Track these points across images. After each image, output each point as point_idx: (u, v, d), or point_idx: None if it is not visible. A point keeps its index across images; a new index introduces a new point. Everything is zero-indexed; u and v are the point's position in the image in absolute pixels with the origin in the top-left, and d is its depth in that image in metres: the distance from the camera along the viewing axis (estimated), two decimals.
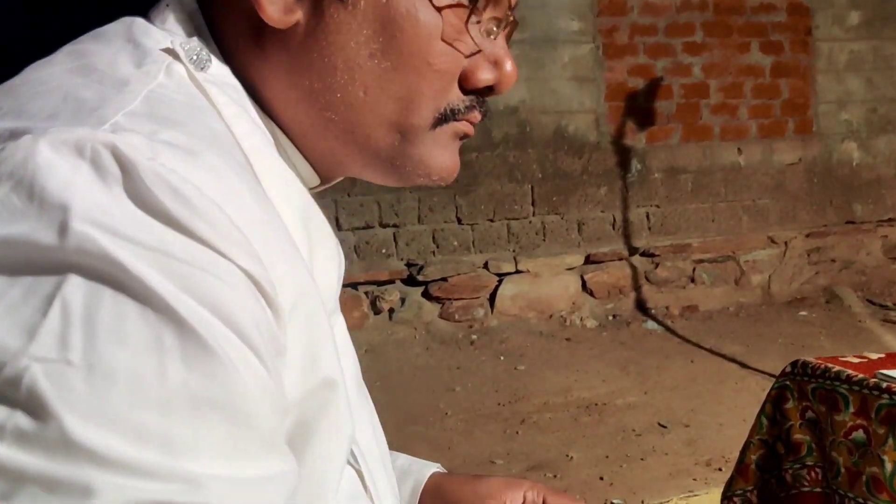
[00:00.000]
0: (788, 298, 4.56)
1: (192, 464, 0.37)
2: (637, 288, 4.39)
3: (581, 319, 4.26)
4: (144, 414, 0.36)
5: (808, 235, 4.64)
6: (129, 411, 0.36)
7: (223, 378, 0.38)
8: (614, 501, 2.54)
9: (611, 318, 4.34)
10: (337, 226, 3.95)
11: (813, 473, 1.03)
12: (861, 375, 0.95)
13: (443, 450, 2.99)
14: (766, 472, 1.06)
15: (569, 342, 4.06)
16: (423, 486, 0.75)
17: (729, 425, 3.06)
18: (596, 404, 3.41)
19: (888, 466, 0.87)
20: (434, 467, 0.78)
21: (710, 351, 3.94)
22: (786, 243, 4.60)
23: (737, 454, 1.11)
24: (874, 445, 0.89)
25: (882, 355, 1.02)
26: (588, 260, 4.28)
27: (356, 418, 0.57)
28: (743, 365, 3.66)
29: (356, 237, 3.99)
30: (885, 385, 0.90)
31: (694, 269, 4.48)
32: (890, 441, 0.87)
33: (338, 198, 3.93)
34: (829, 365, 0.99)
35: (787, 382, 1.04)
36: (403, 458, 0.79)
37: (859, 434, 0.92)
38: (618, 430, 3.15)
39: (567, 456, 2.92)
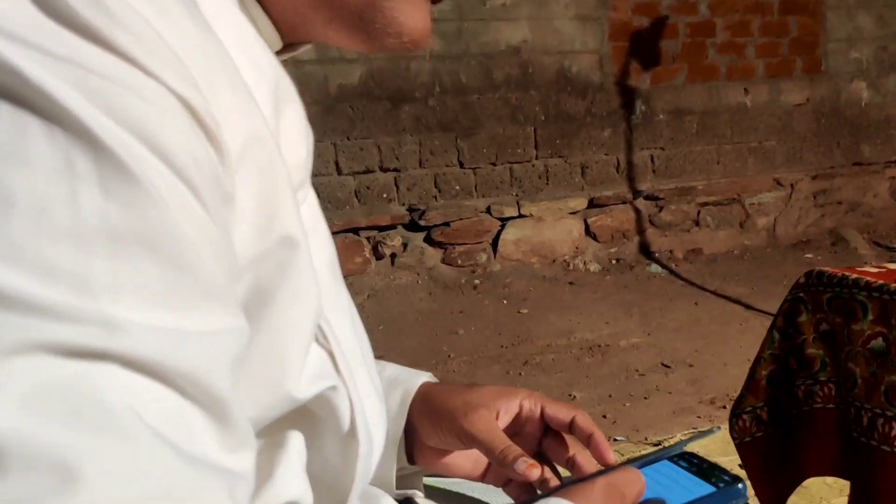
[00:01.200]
0: (794, 241, 4.51)
1: (112, 305, 0.32)
2: (641, 231, 4.34)
3: (584, 263, 4.22)
4: (53, 247, 0.31)
5: (814, 177, 4.57)
6: (34, 243, 0.31)
7: (150, 211, 0.33)
8: (617, 438, 2.53)
9: (614, 262, 4.31)
10: (337, 170, 3.90)
11: (826, 389, 1.00)
12: (881, 282, 0.91)
13: None
14: (778, 388, 1.03)
15: (572, 286, 4.03)
16: (412, 396, 0.70)
17: (733, 365, 3.05)
18: (599, 346, 3.39)
19: None
20: (425, 376, 0.73)
21: (714, 293, 3.91)
22: (792, 185, 4.54)
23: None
24: (894, 353, 0.86)
25: None
26: (591, 203, 4.23)
27: (329, 301, 0.53)
28: (747, 306, 3.63)
29: (356, 182, 3.93)
30: None
31: (698, 213, 4.43)
32: None
33: (337, 141, 3.87)
34: (847, 273, 0.95)
35: (801, 294, 1.00)
36: (393, 368, 0.75)
37: (878, 342, 0.88)
38: (621, 370, 3.13)
39: (570, 395, 2.91)
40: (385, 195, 3.98)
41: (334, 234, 3.85)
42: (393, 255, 3.99)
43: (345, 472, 0.50)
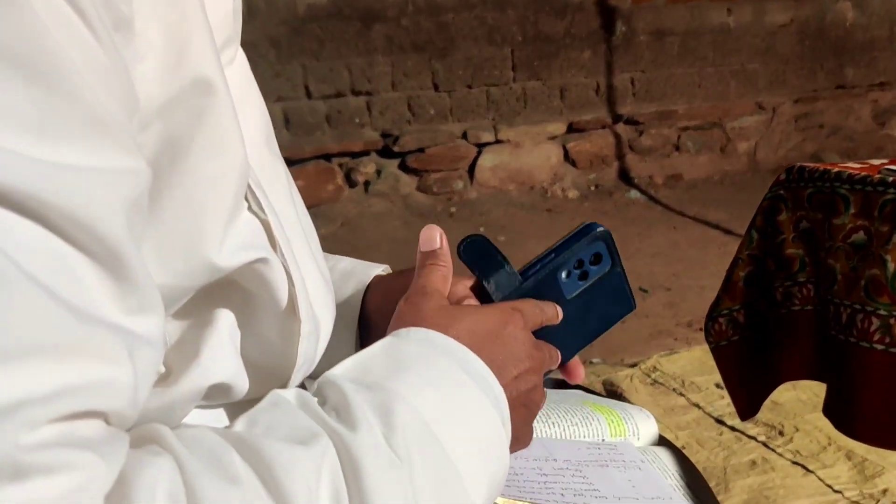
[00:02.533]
0: (775, 166, 4.46)
1: None
2: (620, 157, 4.27)
3: (563, 190, 4.16)
4: None
5: (796, 101, 4.50)
6: None
7: (22, 27, 0.28)
8: (593, 360, 2.51)
9: (593, 188, 4.25)
10: (306, 94, 3.77)
11: (805, 291, 0.95)
12: (864, 174, 0.85)
13: None
14: (755, 290, 0.98)
15: (550, 213, 3.97)
16: (367, 285, 0.66)
17: (711, 288, 3.01)
18: None
19: (890, 266, 0.79)
20: (380, 268, 0.69)
21: (694, 218, 3.87)
22: (774, 109, 4.47)
23: None
24: (875, 245, 0.80)
25: (885, 160, 0.92)
26: (570, 128, 4.14)
27: (265, 175, 0.47)
28: (727, 231, 3.60)
29: (327, 106, 3.82)
30: (891, 179, 0.80)
31: (679, 137, 4.36)
32: (894, 239, 0.78)
33: (306, 63, 3.73)
34: (828, 168, 0.89)
35: (781, 192, 0.94)
36: (348, 261, 0.71)
37: (859, 236, 0.83)
38: None
39: None
40: (357, 120, 3.87)
41: (304, 160, 3.77)
42: (367, 183, 3.90)
43: (286, 353, 0.45)
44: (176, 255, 0.38)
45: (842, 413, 0.84)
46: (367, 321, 0.66)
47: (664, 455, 0.70)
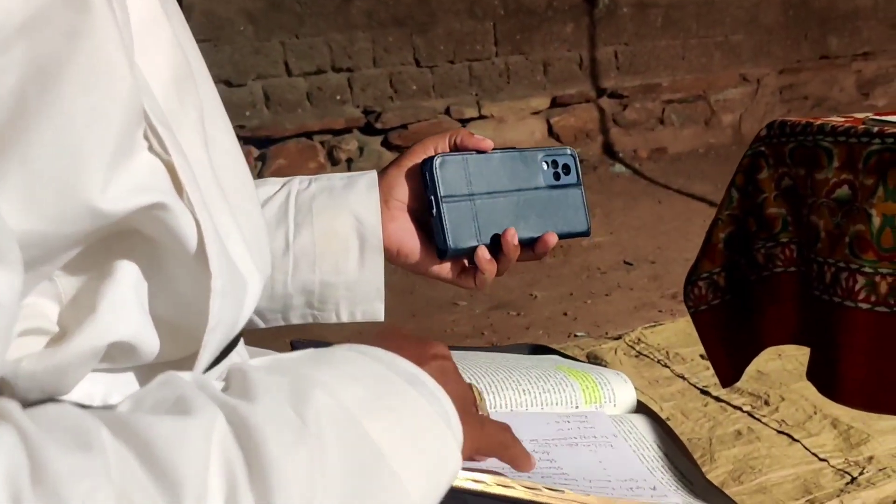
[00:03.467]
0: None
1: None
2: (604, 131, 4.23)
3: None
4: None
5: (781, 72, 4.47)
6: None
7: None
8: (578, 334, 2.48)
9: None
10: (286, 71, 3.71)
11: (787, 252, 0.92)
12: (847, 125, 0.81)
13: (405, 294, 2.91)
14: (736, 251, 0.94)
15: None
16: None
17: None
18: (561, 246, 3.31)
19: (875, 221, 0.75)
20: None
21: (678, 191, 3.84)
22: (758, 80, 4.43)
23: None
24: (860, 200, 0.77)
25: (869, 113, 0.89)
26: (554, 103, 4.10)
27: (174, 117, 0.42)
28: (711, 203, 3.57)
29: (307, 83, 3.75)
30: (875, 129, 0.76)
31: (663, 110, 4.32)
32: (879, 191, 0.75)
33: (285, 40, 3.66)
34: (811, 121, 0.86)
35: (762, 148, 0.90)
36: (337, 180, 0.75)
37: (843, 190, 0.79)
38: (582, 269, 3.08)
39: (531, 295, 2.85)
40: (338, 97, 3.81)
41: (285, 138, 3.71)
42: (349, 160, 3.85)
43: (199, 310, 0.41)
44: (47, 196, 0.34)
45: (826, 377, 0.81)
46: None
47: (641, 424, 0.67)
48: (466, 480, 0.48)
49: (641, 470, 0.59)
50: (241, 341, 0.55)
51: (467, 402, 0.48)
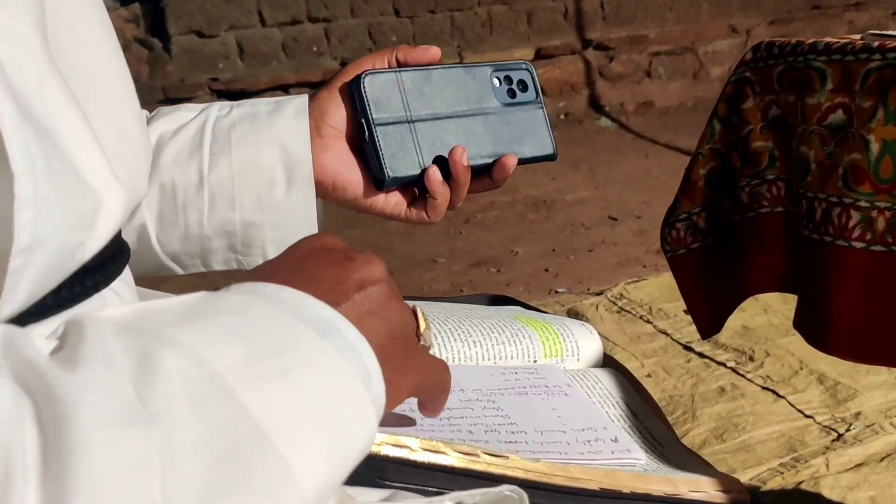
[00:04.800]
0: None
1: None
2: (590, 84, 4.12)
3: None
4: None
5: (771, 23, 4.35)
6: None
7: None
8: (559, 290, 2.41)
9: (562, 116, 4.10)
10: (260, 21, 3.57)
11: (774, 189, 0.83)
12: (843, 41, 0.72)
13: (383, 251, 2.83)
14: (718, 190, 0.86)
15: None
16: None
17: None
18: (544, 201, 3.24)
19: (873, 148, 0.67)
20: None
21: (665, 146, 3.75)
22: (748, 32, 4.31)
23: None
24: (856, 125, 0.68)
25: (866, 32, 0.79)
26: (538, 55, 3.98)
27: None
28: None
29: (283, 34, 3.61)
30: (875, 44, 0.67)
31: (650, 63, 4.21)
32: (878, 114, 0.66)
33: None
34: (801, 40, 0.76)
35: (747, 73, 0.81)
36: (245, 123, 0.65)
37: (837, 116, 0.71)
38: (566, 224, 3.00)
39: (512, 252, 2.77)
40: (315, 48, 3.67)
41: (260, 91, 3.58)
42: None
43: (4, 223, 0.31)
44: None
45: (814, 326, 0.73)
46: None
47: (607, 379, 0.58)
48: (385, 445, 0.39)
49: (599, 417, 0.51)
50: (125, 282, 0.46)
51: (405, 332, 0.39)
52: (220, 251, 0.66)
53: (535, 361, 0.59)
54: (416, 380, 0.39)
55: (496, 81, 0.65)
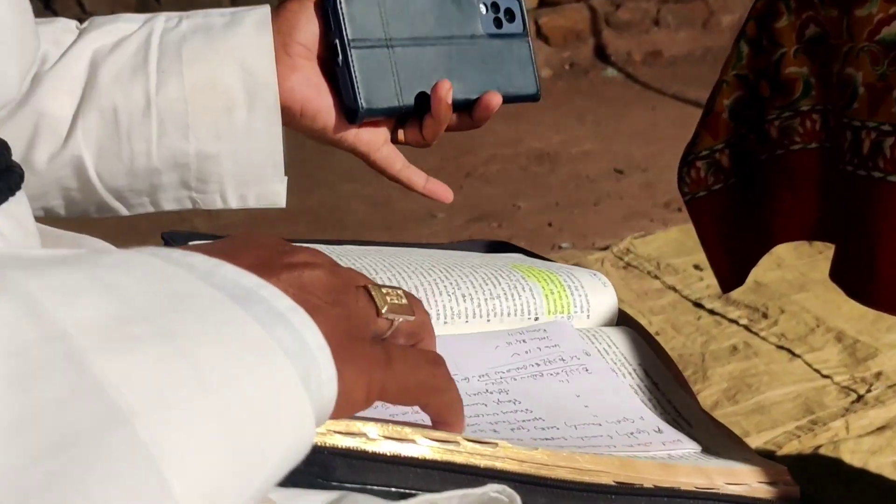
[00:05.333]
0: None
1: None
2: (596, 33, 3.97)
3: None
4: None
5: None
6: None
7: None
8: (562, 245, 2.31)
9: (567, 66, 3.96)
10: None
11: (808, 123, 0.73)
12: None
13: (380, 206, 2.74)
14: (744, 123, 0.75)
15: None
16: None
17: None
18: (548, 154, 3.12)
19: None
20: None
21: (674, 97, 3.62)
22: None
23: None
24: None
25: None
26: (542, 2, 3.82)
27: None
28: None
29: None
30: None
31: (658, 11, 4.05)
32: None
33: None
34: None
35: None
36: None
37: (893, 28, 0.60)
38: (570, 178, 2.89)
39: (514, 206, 2.67)
40: None
41: None
42: None
43: None
44: None
45: (856, 274, 0.64)
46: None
47: (622, 341, 0.49)
48: (332, 434, 0.30)
49: (635, 403, 0.42)
50: (11, 215, 0.36)
51: (352, 321, 0.30)
52: (171, 187, 0.57)
53: (536, 319, 0.50)
54: (377, 379, 0.29)
55: (483, 8, 0.60)
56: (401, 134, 0.61)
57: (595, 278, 0.53)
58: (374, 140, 0.59)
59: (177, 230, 0.57)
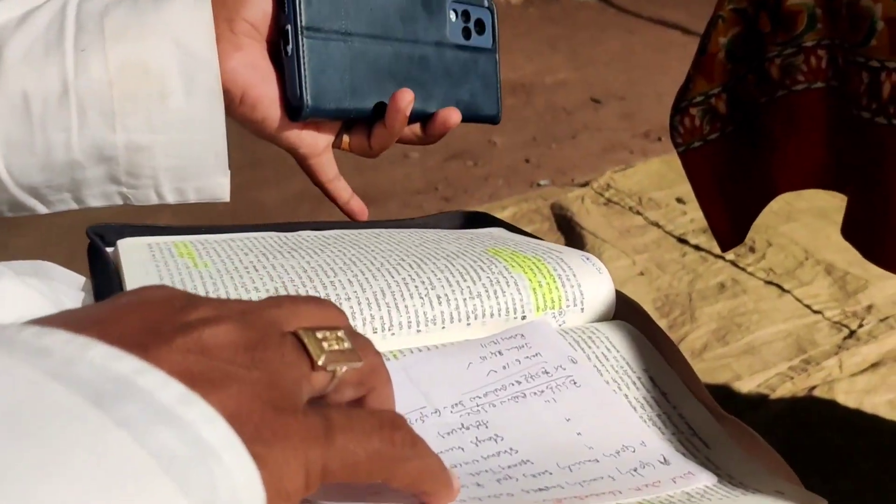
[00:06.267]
0: None
1: None
2: None
3: None
4: None
5: None
6: None
7: None
8: (541, 182, 2.24)
9: None
10: None
11: (813, 59, 0.66)
12: None
13: None
14: (742, 63, 0.68)
15: None
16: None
17: (669, 94, 2.71)
18: (522, 85, 3.02)
19: None
20: None
21: (650, 20, 3.51)
22: None
23: None
24: None
25: None
26: None
27: None
28: (686, 31, 3.26)
29: None
30: None
31: None
32: None
33: None
34: None
35: None
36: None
37: None
38: (546, 110, 2.80)
39: (490, 142, 2.59)
40: None
41: None
42: None
43: None
44: None
45: (872, 232, 0.57)
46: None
47: (621, 340, 0.43)
48: None
49: (633, 421, 0.36)
50: None
51: (282, 390, 0.22)
52: (96, 183, 0.50)
53: (523, 317, 0.43)
54: (316, 457, 0.22)
55: (452, 15, 0.54)
56: (345, 139, 0.54)
57: (588, 263, 0.46)
58: (316, 144, 0.53)
59: (109, 223, 0.50)
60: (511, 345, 0.39)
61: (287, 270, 0.42)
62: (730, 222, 0.72)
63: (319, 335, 0.25)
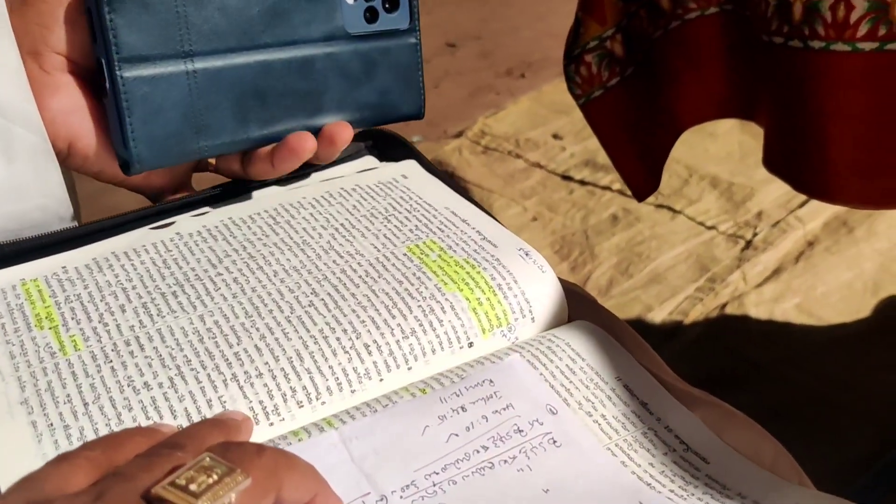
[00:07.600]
0: None
1: None
2: None
3: None
4: None
5: None
6: None
7: None
8: (414, 139, 2.16)
9: None
10: None
11: None
12: None
13: None
14: (633, 1, 0.62)
15: None
16: None
17: (525, 27, 2.71)
18: None
19: None
20: None
21: None
22: None
23: (537, 56, 0.67)
24: None
25: None
26: None
27: None
28: None
29: None
30: None
31: None
32: None
33: None
34: None
35: None
36: None
37: None
38: None
39: None
40: None
41: None
42: None
43: None
44: None
45: (802, 164, 0.54)
46: None
47: (586, 347, 0.37)
48: None
49: (624, 481, 0.30)
50: None
51: None
52: None
53: (471, 345, 0.37)
54: None
55: None
56: (211, 162, 0.44)
57: (527, 262, 0.40)
58: (175, 179, 0.44)
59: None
60: (477, 395, 0.33)
61: (179, 342, 0.34)
62: (643, 170, 0.67)
63: (181, 481, 0.21)
